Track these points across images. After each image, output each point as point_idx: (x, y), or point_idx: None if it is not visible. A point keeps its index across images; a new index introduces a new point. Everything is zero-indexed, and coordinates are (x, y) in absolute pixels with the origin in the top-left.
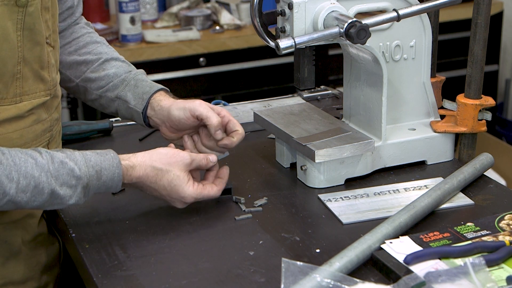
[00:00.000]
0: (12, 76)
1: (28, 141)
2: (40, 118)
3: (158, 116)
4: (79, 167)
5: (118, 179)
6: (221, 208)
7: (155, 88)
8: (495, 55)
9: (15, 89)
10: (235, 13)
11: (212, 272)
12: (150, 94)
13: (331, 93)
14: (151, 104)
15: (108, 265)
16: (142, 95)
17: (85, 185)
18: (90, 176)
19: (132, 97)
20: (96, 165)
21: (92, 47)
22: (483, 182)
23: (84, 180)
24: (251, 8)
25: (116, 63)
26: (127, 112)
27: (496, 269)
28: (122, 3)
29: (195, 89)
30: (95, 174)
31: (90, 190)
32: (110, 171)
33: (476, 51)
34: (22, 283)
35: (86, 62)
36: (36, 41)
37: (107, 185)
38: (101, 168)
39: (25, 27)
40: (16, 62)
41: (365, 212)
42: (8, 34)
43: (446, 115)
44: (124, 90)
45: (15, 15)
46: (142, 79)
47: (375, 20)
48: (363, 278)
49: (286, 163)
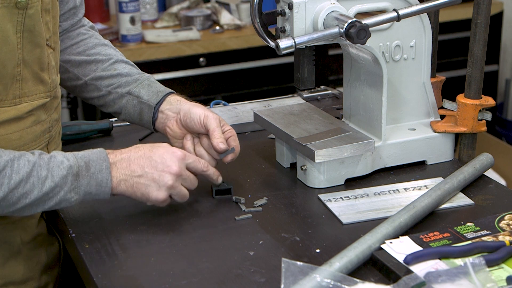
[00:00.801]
0: (12, 78)
1: (28, 142)
2: (40, 119)
3: (173, 109)
4: (67, 158)
5: (106, 171)
6: (221, 208)
7: (169, 90)
8: (495, 55)
9: (14, 90)
10: (235, 13)
11: (212, 272)
12: (165, 93)
13: (331, 93)
14: (168, 100)
15: (108, 265)
16: (157, 92)
17: (75, 173)
18: (79, 166)
19: (145, 93)
20: (84, 157)
21: (100, 48)
22: (483, 182)
23: (74, 168)
24: (251, 8)
25: (126, 65)
26: (134, 108)
27: (496, 269)
28: (122, 3)
29: (195, 89)
30: (84, 165)
31: (80, 181)
32: (97, 163)
33: (476, 51)
34: (22, 283)
35: (96, 61)
36: (36, 43)
37: (97, 178)
38: (89, 160)
39: (25, 29)
40: (16, 64)
41: (365, 212)
42: (7, 36)
43: (446, 115)
44: (138, 87)
45: (15, 17)
46: (155, 82)
47: (375, 20)
48: (363, 278)
49: (286, 163)
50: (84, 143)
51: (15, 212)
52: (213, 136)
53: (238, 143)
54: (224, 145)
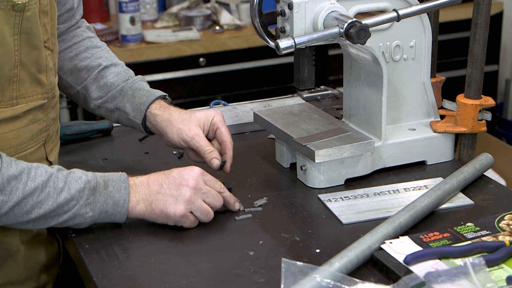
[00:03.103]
0: (9, 79)
1: (25, 141)
2: (36, 118)
3: (155, 129)
4: (86, 174)
5: (125, 191)
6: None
7: (152, 98)
8: (495, 55)
9: (11, 92)
10: (235, 13)
11: (212, 272)
12: (147, 106)
13: (331, 93)
14: (148, 117)
15: (108, 265)
16: (139, 105)
17: (92, 188)
18: (97, 182)
19: (130, 108)
20: (104, 176)
21: (92, 52)
22: (483, 182)
23: (92, 183)
24: (251, 8)
25: (115, 69)
26: (128, 122)
27: (496, 269)
28: (122, 3)
29: (195, 89)
30: (102, 183)
31: (96, 197)
32: (117, 183)
33: (476, 51)
34: (21, 283)
35: (87, 68)
36: (33, 45)
37: (114, 197)
38: (108, 179)
39: (22, 31)
40: (13, 65)
41: (365, 212)
42: (4, 38)
43: (446, 115)
44: (123, 101)
45: (12, 19)
46: (139, 88)
47: (375, 20)
48: (363, 278)
49: (286, 163)
50: (84, 143)
51: (30, 222)
52: (204, 157)
53: (230, 147)
54: (217, 161)
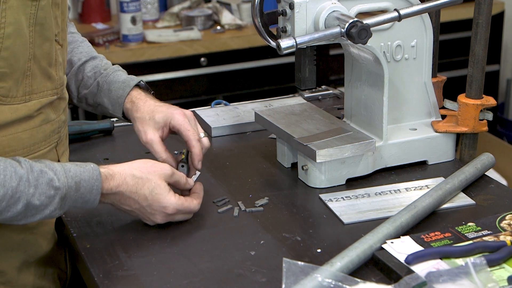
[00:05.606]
0: (23, 73)
1: (38, 141)
2: (49, 118)
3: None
4: (58, 177)
5: (96, 192)
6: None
7: (127, 90)
8: (496, 55)
9: (24, 87)
10: (236, 13)
11: (213, 272)
12: (123, 99)
13: (332, 93)
14: (125, 112)
15: (109, 265)
16: (117, 99)
17: (63, 196)
18: (68, 187)
19: (109, 103)
20: (76, 176)
21: (72, 46)
22: (484, 182)
23: (63, 190)
24: (252, 8)
25: (93, 62)
26: (112, 116)
27: (497, 269)
28: (123, 3)
29: (196, 89)
30: (74, 186)
31: (67, 201)
32: (89, 183)
33: (477, 51)
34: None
35: (68, 63)
36: (45, 37)
37: (85, 197)
38: (80, 180)
39: (37, 22)
40: (27, 58)
41: (366, 212)
42: (21, 29)
43: (447, 115)
44: (101, 96)
45: (28, 9)
46: (114, 81)
47: (376, 20)
48: (364, 278)
49: (287, 163)
50: (85, 143)
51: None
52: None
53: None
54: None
